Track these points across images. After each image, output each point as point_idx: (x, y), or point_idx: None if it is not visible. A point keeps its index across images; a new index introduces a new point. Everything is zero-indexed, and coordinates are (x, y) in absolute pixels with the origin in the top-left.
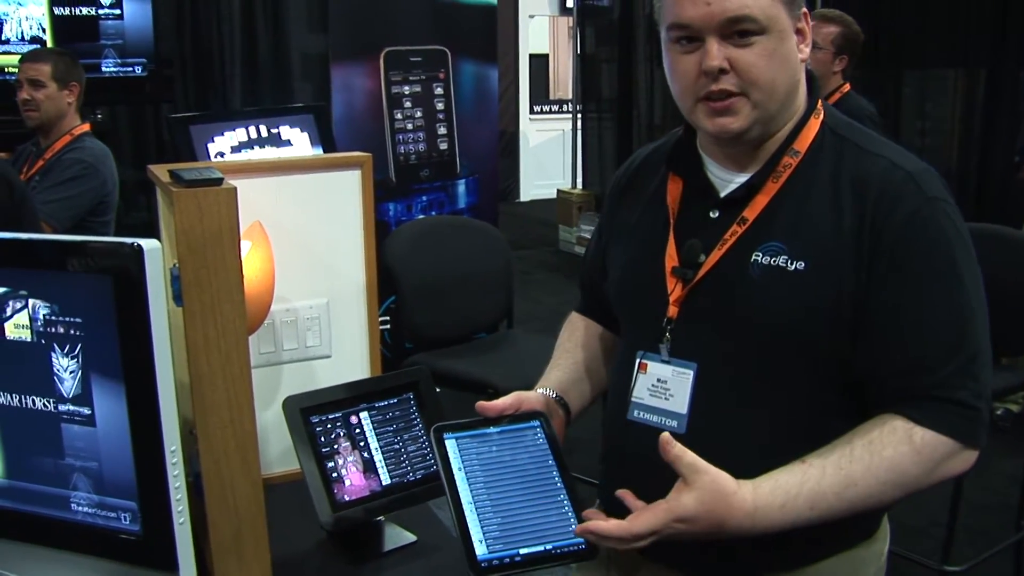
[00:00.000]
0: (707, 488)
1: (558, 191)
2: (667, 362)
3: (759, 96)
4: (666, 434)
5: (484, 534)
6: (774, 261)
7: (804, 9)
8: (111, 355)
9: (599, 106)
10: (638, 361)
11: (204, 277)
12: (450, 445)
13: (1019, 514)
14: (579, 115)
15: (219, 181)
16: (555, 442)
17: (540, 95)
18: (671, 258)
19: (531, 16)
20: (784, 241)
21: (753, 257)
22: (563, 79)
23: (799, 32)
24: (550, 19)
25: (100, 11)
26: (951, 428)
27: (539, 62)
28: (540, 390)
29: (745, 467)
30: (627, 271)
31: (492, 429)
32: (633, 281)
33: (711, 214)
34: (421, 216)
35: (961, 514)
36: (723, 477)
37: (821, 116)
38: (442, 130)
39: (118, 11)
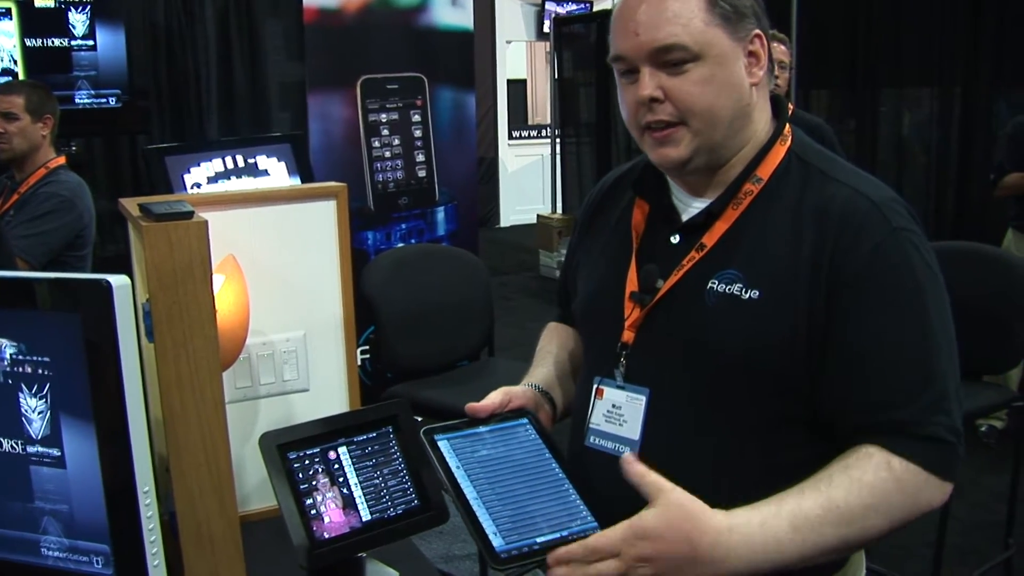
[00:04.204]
0: (671, 504)
1: (538, 216)
2: (622, 388)
3: (698, 124)
4: (628, 454)
5: (497, 526)
6: (729, 289)
7: (757, 31)
8: (81, 395)
9: (577, 130)
10: (595, 386)
11: (175, 312)
12: (444, 446)
13: (1007, 531)
14: (557, 140)
15: (189, 215)
16: (547, 436)
17: (519, 120)
18: (631, 283)
19: (508, 42)
20: (740, 269)
21: (709, 284)
22: (541, 104)
23: (752, 55)
24: (527, 44)
25: (73, 42)
26: (928, 461)
27: (517, 87)
28: (526, 384)
29: (698, 496)
30: (590, 295)
31: (482, 428)
32: (594, 305)
33: (672, 239)
34: (400, 244)
35: (949, 532)
36: (691, 497)
37: (788, 142)
38: (420, 157)
39: (91, 42)
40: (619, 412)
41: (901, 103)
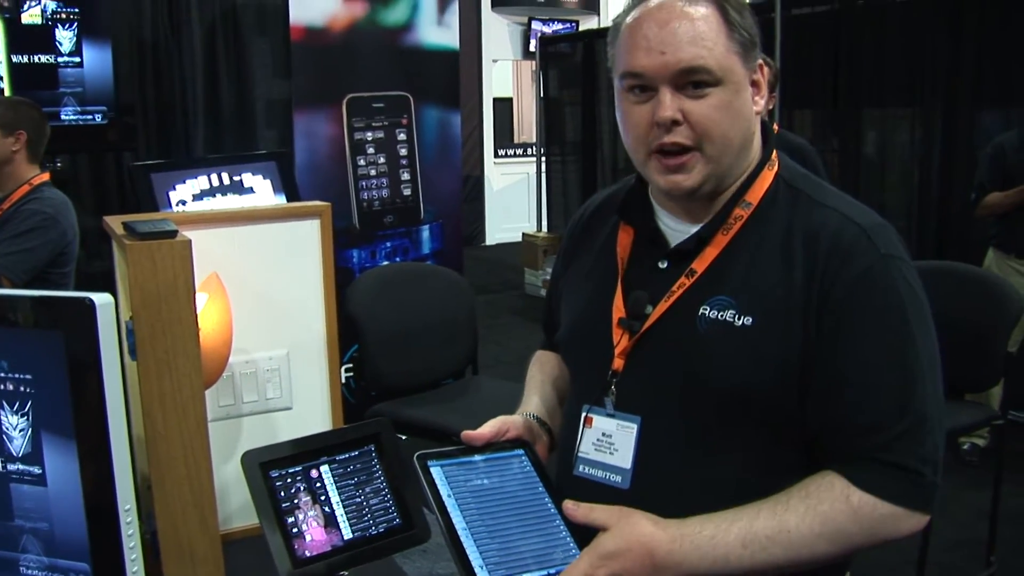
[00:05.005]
0: (623, 523)
1: (523, 234)
2: (612, 416)
3: (712, 150)
4: (567, 502)
5: (484, 560)
6: (721, 315)
7: (760, 61)
8: (62, 412)
9: (563, 149)
10: (584, 415)
11: (158, 331)
12: (436, 473)
13: (988, 549)
14: (543, 158)
15: (173, 233)
16: (542, 469)
17: (505, 139)
18: (618, 309)
19: (494, 60)
20: (732, 295)
21: (701, 311)
22: (527, 123)
23: (754, 84)
24: (513, 63)
25: (59, 59)
26: (890, 493)
27: (503, 106)
28: (523, 415)
29: None
30: (575, 322)
31: (477, 457)
32: (581, 332)
33: (660, 265)
34: (385, 262)
35: (932, 550)
36: (640, 513)
37: (775, 168)
38: (405, 176)
39: (78, 59)
40: (609, 440)
41: (883, 123)
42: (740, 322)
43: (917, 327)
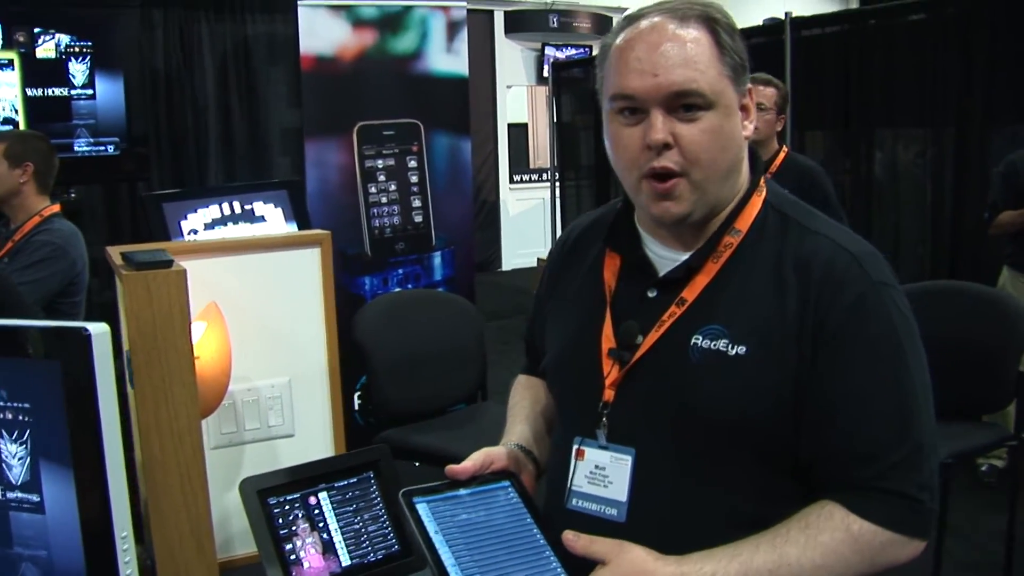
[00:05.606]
0: (622, 557)
1: (538, 260)
2: (605, 448)
3: (699, 176)
4: (568, 532)
5: None
6: (714, 345)
7: (749, 86)
8: (60, 441)
9: (577, 174)
10: (575, 448)
11: (154, 359)
12: (422, 509)
13: (1005, 572)
14: (557, 183)
15: (169, 263)
16: (529, 500)
17: (520, 164)
18: (607, 339)
19: (509, 86)
20: (724, 324)
21: (692, 340)
22: (543, 148)
23: (744, 108)
24: (528, 89)
25: (72, 91)
26: (891, 521)
27: (518, 131)
28: (507, 445)
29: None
30: (563, 351)
31: (462, 492)
32: (569, 362)
33: (649, 293)
34: (397, 289)
35: (946, 573)
36: (641, 548)
37: (764, 193)
38: (417, 203)
39: (90, 91)
40: (603, 473)
41: (895, 143)
42: (733, 351)
43: (911, 355)
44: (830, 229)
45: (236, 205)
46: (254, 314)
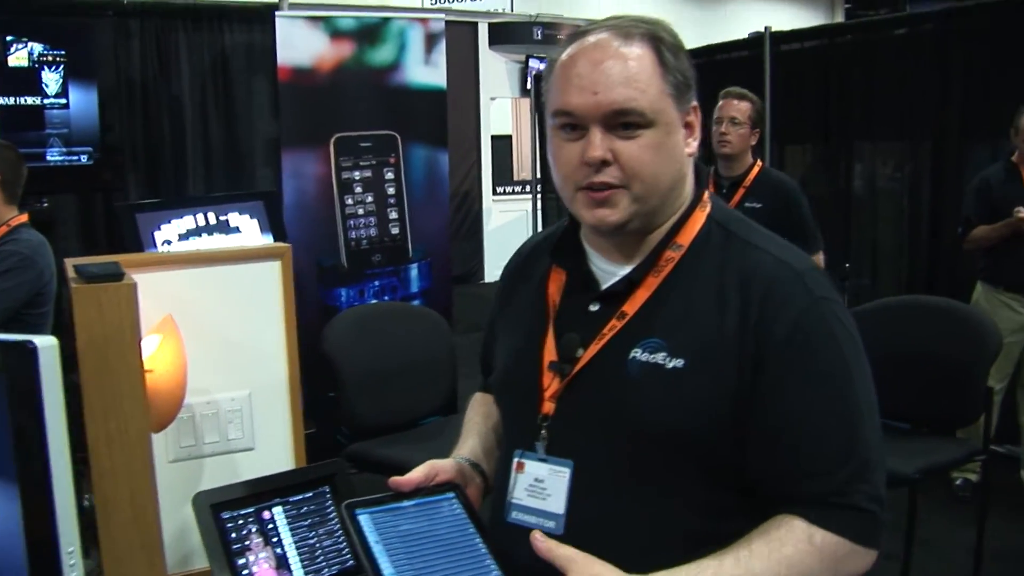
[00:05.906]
0: (584, 569)
1: None
2: (544, 460)
3: (640, 190)
4: (536, 532)
5: None
6: (652, 358)
7: (694, 103)
8: (3, 456)
9: None
10: (515, 460)
11: (104, 372)
12: (364, 520)
13: None
14: (539, 195)
15: (119, 276)
16: (473, 512)
17: (504, 176)
18: (549, 352)
19: (493, 98)
20: (663, 337)
21: (631, 353)
22: (526, 160)
23: (688, 126)
24: (512, 101)
25: (45, 100)
26: (853, 532)
27: (502, 144)
28: (456, 459)
29: (626, 569)
30: (507, 366)
31: (406, 503)
32: (512, 376)
33: (591, 307)
34: (374, 301)
35: None
36: (603, 563)
37: (707, 209)
38: (393, 215)
39: (64, 100)
40: (542, 486)
41: (874, 157)
42: (671, 364)
43: (855, 368)
44: (771, 244)
45: (211, 216)
46: (214, 327)
